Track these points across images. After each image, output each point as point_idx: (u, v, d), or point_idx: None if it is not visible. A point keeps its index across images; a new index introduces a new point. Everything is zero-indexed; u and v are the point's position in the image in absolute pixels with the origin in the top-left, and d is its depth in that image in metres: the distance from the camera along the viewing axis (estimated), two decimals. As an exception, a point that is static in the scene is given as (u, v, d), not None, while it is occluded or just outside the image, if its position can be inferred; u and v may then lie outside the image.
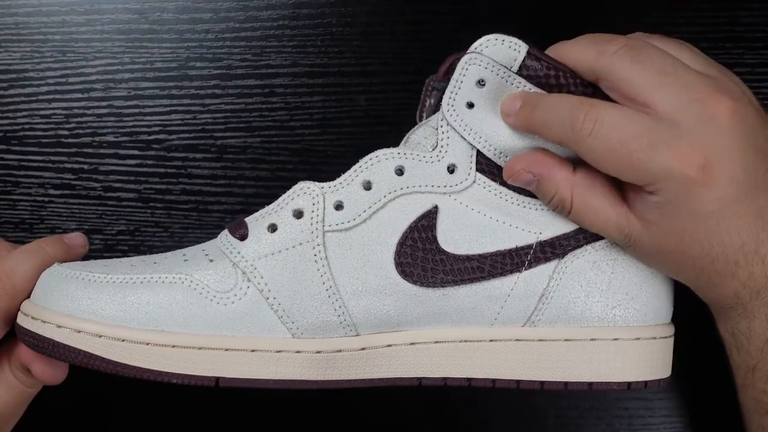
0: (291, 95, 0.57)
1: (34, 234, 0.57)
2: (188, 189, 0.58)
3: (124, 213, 0.58)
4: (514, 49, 0.45)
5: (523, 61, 0.45)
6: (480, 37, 0.46)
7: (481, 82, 0.46)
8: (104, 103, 0.57)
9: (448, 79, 0.46)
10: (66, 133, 0.57)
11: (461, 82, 0.46)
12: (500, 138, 0.46)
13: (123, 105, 0.57)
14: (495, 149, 0.46)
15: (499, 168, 0.46)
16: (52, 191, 0.57)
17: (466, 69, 0.46)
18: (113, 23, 0.57)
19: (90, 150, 0.57)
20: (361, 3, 0.57)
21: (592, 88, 0.45)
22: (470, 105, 0.46)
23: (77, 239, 0.52)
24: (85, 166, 0.57)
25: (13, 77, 0.57)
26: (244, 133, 0.57)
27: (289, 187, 0.48)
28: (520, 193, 0.47)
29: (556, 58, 0.45)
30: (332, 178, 0.48)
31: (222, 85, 0.57)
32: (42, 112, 0.57)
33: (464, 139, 0.46)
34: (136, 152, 0.57)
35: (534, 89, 0.45)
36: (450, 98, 0.46)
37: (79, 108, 0.57)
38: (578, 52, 0.45)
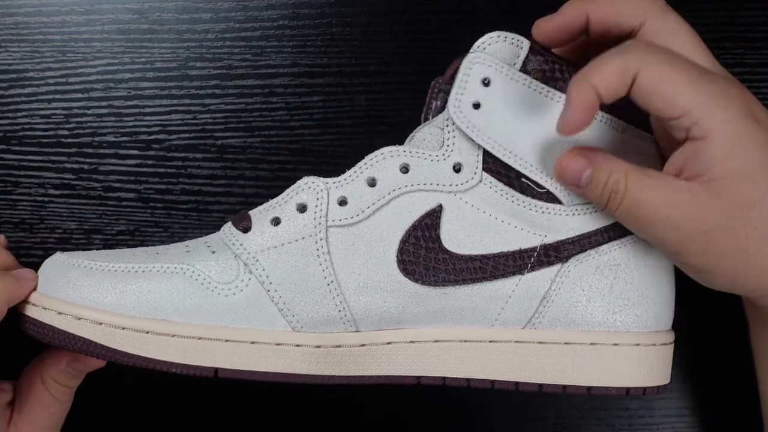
0: (291, 95, 0.57)
1: (34, 234, 0.57)
2: (188, 189, 0.58)
3: (124, 213, 0.58)
4: (517, 46, 0.45)
5: (526, 56, 0.45)
6: (480, 36, 0.46)
7: (486, 81, 0.45)
8: (104, 103, 0.57)
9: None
10: (66, 133, 0.57)
11: (466, 81, 0.46)
12: (508, 137, 0.46)
13: (123, 105, 0.57)
14: (504, 149, 0.46)
15: (507, 167, 0.46)
16: (52, 191, 0.57)
17: (471, 68, 0.45)
18: (113, 23, 0.57)
19: (90, 150, 0.57)
20: (361, 3, 0.57)
21: None
22: (476, 105, 0.46)
23: (26, 274, 0.48)
24: (85, 166, 0.57)
25: (13, 77, 0.57)
26: (244, 133, 0.57)
27: (289, 187, 0.48)
28: (526, 194, 0.46)
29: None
30: (333, 178, 0.48)
31: (222, 85, 0.57)
32: (42, 112, 0.57)
33: (471, 139, 0.46)
34: (136, 152, 0.57)
35: (537, 84, 0.45)
36: (456, 99, 0.46)
37: (79, 108, 0.57)
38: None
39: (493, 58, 0.45)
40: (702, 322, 0.49)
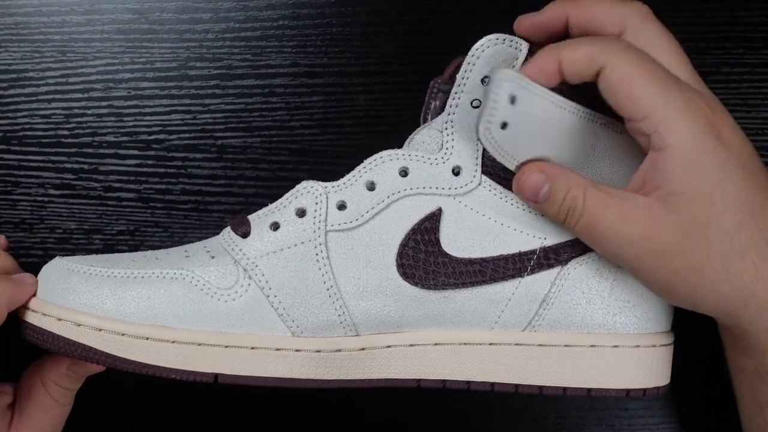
0: (291, 95, 0.57)
1: (34, 234, 0.57)
2: (188, 189, 0.58)
3: (124, 213, 0.58)
4: (515, 48, 0.45)
5: (525, 59, 0.45)
6: (481, 36, 0.46)
7: (513, 99, 0.44)
8: (104, 103, 0.57)
9: (453, 81, 0.46)
10: (66, 133, 0.57)
11: (496, 101, 0.44)
12: (527, 151, 0.45)
13: (123, 105, 0.57)
14: (506, 151, 0.45)
15: (506, 171, 0.46)
16: (52, 191, 0.57)
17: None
18: (113, 23, 0.57)
19: (90, 150, 0.57)
20: (361, 3, 0.57)
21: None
22: (504, 125, 0.44)
23: (26, 278, 0.48)
24: (85, 166, 0.57)
25: (13, 77, 0.57)
26: (244, 133, 0.57)
27: (289, 187, 0.48)
28: (526, 197, 0.46)
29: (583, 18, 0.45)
30: (332, 178, 0.48)
31: (222, 85, 0.57)
32: (42, 112, 0.57)
33: (472, 140, 0.46)
34: (136, 152, 0.57)
35: (536, 87, 0.45)
36: (456, 99, 0.46)
37: (79, 108, 0.57)
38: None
39: (493, 60, 0.45)
40: (701, 323, 0.49)
